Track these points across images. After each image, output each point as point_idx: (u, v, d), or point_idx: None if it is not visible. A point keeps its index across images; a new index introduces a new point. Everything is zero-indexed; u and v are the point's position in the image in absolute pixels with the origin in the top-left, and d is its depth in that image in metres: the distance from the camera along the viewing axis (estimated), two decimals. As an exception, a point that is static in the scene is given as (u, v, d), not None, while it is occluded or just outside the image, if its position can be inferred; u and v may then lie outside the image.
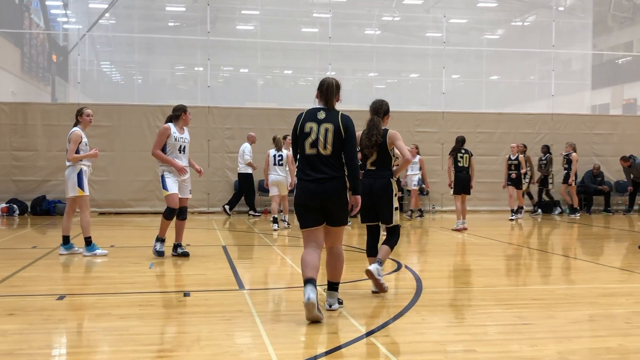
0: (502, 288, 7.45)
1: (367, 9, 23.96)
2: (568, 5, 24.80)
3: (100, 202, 16.69)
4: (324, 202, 5.59)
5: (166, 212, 8.96)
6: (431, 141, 18.08)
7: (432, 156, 18.01)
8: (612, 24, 29.08)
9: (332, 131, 5.61)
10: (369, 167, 6.63)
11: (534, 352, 4.69)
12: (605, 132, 19.19)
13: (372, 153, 6.59)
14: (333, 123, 5.64)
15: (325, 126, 5.63)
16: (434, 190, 17.84)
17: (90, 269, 8.30)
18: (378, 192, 6.53)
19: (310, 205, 5.62)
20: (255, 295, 6.71)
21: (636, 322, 5.66)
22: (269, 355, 4.52)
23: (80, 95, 17.72)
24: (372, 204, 6.56)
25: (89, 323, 5.51)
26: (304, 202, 5.65)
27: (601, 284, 7.85)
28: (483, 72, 23.22)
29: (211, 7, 18.61)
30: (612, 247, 11.96)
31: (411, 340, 5.09)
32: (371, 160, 6.62)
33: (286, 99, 23.44)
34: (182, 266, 8.54)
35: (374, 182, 6.56)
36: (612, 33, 30.01)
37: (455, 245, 11.18)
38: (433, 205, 18.27)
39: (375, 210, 6.61)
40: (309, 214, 5.65)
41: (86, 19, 21.98)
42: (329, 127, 5.62)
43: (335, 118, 5.67)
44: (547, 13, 21.53)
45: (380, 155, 6.61)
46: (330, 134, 5.61)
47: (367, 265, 6.63)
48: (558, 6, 22.55)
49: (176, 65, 25.57)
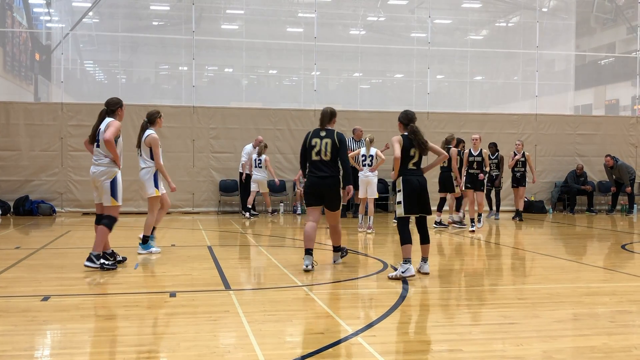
0: (488, 288, 7.49)
1: (352, 9, 23.97)
2: (551, 6, 24.96)
3: (84, 202, 16.55)
4: (324, 192, 8.07)
5: (111, 223, 8.29)
6: (416, 141, 18.12)
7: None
8: (594, 26, 29.32)
9: (330, 144, 8.05)
10: (411, 167, 7.76)
11: (519, 351, 4.72)
12: (588, 132, 19.35)
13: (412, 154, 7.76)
14: (331, 138, 8.08)
15: (325, 140, 8.09)
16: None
17: (75, 270, 8.23)
18: (425, 187, 7.79)
19: (315, 192, 8.13)
20: (242, 295, 6.70)
21: (620, 320, 5.72)
22: (256, 356, 4.51)
23: (63, 95, 17.57)
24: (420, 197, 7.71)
25: (74, 324, 5.47)
26: (311, 190, 8.15)
27: (585, 283, 7.91)
28: (467, 73, 23.33)
29: (196, 6, 18.54)
30: (596, 246, 12.07)
31: (397, 340, 5.11)
32: (414, 161, 7.77)
33: (271, 98, 23.40)
34: (167, 267, 8.50)
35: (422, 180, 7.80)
36: (595, 34, 30.27)
37: (441, 246, 11.23)
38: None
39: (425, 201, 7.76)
40: (314, 198, 8.15)
41: (69, 17, 21.79)
42: (328, 141, 8.08)
43: (332, 135, 8.09)
44: (531, 14, 21.66)
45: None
46: (329, 146, 8.03)
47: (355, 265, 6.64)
48: (541, 7, 22.68)
49: (160, 65, 25.43)
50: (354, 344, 4.85)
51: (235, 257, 9.79)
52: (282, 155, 17.57)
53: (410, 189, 7.60)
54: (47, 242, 10.98)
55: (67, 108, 16.77)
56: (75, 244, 11.17)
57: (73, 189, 16.60)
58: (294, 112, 18.06)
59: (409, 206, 7.63)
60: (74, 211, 16.50)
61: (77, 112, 16.81)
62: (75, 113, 16.76)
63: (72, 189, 16.58)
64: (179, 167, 16.87)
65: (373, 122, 17.68)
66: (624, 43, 29.40)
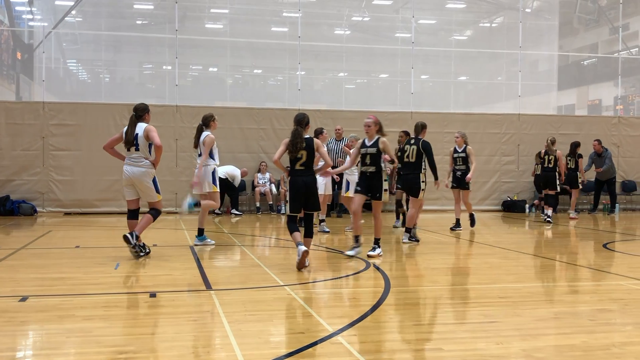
0: (469, 286, 7.50)
1: (337, 9, 24.00)
2: (535, 7, 25.13)
3: (66, 202, 16.44)
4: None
5: (157, 215, 9.23)
6: (400, 141, 18.14)
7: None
8: (577, 26, 29.54)
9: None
10: (298, 168, 8.29)
11: (500, 349, 4.72)
12: (571, 132, 19.46)
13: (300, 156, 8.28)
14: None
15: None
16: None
17: (55, 270, 8.16)
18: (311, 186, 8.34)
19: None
20: (223, 295, 6.66)
21: (600, 319, 5.74)
22: (236, 356, 4.48)
23: (45, 94, 17.41)
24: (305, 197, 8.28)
25: (52, 325, 5.41)
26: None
27: (566, 282, 7.95)
28: (451, 73, 23.44)
29: (179, 5, 18.43)
30: (577, 245, 12.13)
31: (378, 339, 5.10)
32: (301, 162, 8.27)
33: (256, 98, 23.38)
34: (148, 267, 8.44)
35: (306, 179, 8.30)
36: (578, 35, 30.50)
37: (422, 245, 11.23)
38: (402, 205, 18.34)
39: (305, 201, 8.32)
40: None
41: (52, 16, 21.63)
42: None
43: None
44: (515, 15, 21.77)
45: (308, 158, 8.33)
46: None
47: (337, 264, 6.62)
48: (525, 8, 22.82)
49: (144, 64, 25.32)
50: (335, 344, 4.83)
51: (217, 257, 9.74)
52: (267, 154, 17.51)
53: (295, 190, 8.21)
54: (28, 242, 10.87)
55: (49, 107, 16.62)
56: (56, 244, 11.07)
57: (55, 188, 16.45)
58: (279, 111, 18.01)
59: (293, 205, 8.28)
60: (55, 211, 16.35)
61: (59, 111, 16.67)
62: (57, 112, 16.61)
63: (54, 188, 16.44)
64: (162, 166, 16.51)
65: (358, 121, 17.56)
66: (606, 44, 29.66)
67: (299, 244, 8.05)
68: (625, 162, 19.80)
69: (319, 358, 4.55)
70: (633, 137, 19.85)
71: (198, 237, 10.53)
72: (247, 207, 17.65)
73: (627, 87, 28.76)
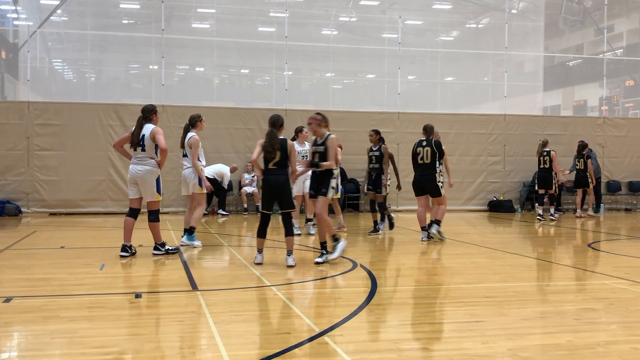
0: (455, 286, 7.52)
1: (324, 9, 23.99)
2: (521, 8, 25.26)
3: (51, 203, 16.32)
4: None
5: (157, 216, 9.33)
6: (387, 141, 17.97)
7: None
8: (563, 27, 29.71)
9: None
10: (271, 167, 8.42)
11: (485, 349, 4.74)
12: (556, 132, 19.58)
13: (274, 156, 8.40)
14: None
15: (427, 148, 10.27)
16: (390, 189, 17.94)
17: (40, 271, 8.09)
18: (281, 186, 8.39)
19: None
20: (209, 295, 6.63)
21: (585, 318, 5.78)
22: (222, 357, 4.47)
23: (30, 93, 17.28)
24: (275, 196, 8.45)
25: (37, 326, 5.36)
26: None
27: (552, 281, 8.00)
28: (438, 73, 23.49)
29: (166, 4, 18.36)
30: (562, 245, 12.21)
31: (365, 339, 5.10)
32: (275, 161, 8.40)
33: (243, 98, 23.32)
34: (134, 267, 8.40)
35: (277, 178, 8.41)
36: (563, 36, 30.69)
37: (409, 244, 11.26)
38: (389, 205, 18.37)
39: (275, 200, 8.50)
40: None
41: (37, 15, 21.45)
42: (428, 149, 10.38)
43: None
44: (501, 16, 21.85)
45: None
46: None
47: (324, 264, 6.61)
48: (511, 9, 22.93)
49: (130, 64, 25.17)
50: (321, 344, 4.83)
51: (203, 258, 9.70)
52: (253, 155, 17.49)
53: (267, 188, 8.43)
54: (12, 243, 10.78)
55: (34, 107, 16.50)
56: (41, 244, 10.99)
57: (40, 188, 16.33)
58: (266, 111, 17.92)
59: (264, 204, 8.52)
60: (40, 211, 16.23)
61: (44, 111, 16.55)
62: (42, 112, 16.49)
63: (39, 188, 16.32)
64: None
65: (345, 122, 17.68)
66: (591, 45, 29.86)
67: (259, 250, 8.53)
68: (610, 163, 19.95)
69: (305, 358, 4.54)
70: (618, 137, 20.01)
71: (188, 235, 10.38)
72: (234, 208, 17.61)
73: (612, 88, 29.01)
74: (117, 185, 16.48)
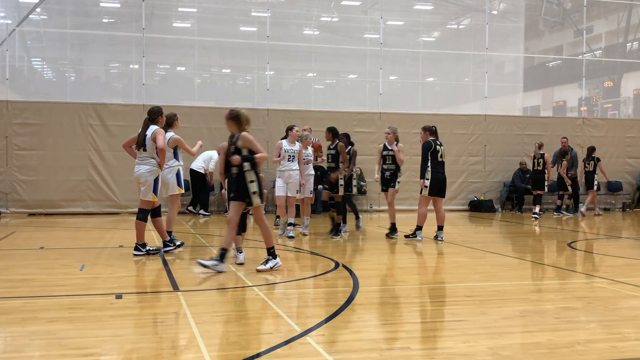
0: (436, 285, 7.56)
1: (306, 9, 23.93)
2: (501, 9, 25.39)
3: (30, 203, 16.16)
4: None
5: (145, 216, 9.49)
6: (368, 141, 18.18)
7: (369, 156, 18.09)
8: (543, 28, 29.90)
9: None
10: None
11: (466, 348, 4.76)
12: (536, 132, 19.73)
13: None
14: None
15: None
16: (371, 189, 18.00)
17: (18, 272, 8.01)
18: None
19: (442, 186, 10.95)
20: (190, 296, 6.60)
21: (565, 317, 5.83)
22: (203, 357, 4.45)
23: (9, 92, 17.08)
24: None
25: (15, 327, 5.30)
26: (438, 184, 10.73)
27: (532, 280, 8.06)
28: (419, 74, 23.52)
29: (147, 3, 18.26)
30: (542, 245, 12.31)
31: (347, 338, 5.11)
32: None
33: (224, 97, 23.18)
34: (114, 268, 8.33)
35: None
36: (543, 37, 30.89)
37: (391, 244, 11.29)
38: (371, 205, 18.42)
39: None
40: (438, 190, 10.97)
41: (16, 13, 21.21)
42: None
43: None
44: (481, 17, 21.98)
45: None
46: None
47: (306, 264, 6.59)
48: (491, 10, 23.05)
49: (110, 63, 24.93)
50: (303, 344, 4.82)
51: (185, 258, 9.65)
52: (235, 155, 17.42)
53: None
54: (-10, 244, 10.66)
55: (13, 106, 16.33)
56: (20, 245, 10.88)
57: (19, 189, 16.16)
58: (248, 111, 17.90)
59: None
60: (19, 212, 16.06)
61: (23, 110, 16.39)
62: (21, 111, 16.33)
63: (18, 189, 16.15)
64: (128, 166, 16.40)
65: (327, 121, 17.55)
66: (571, 46, 30.09)
67: (238, 249, 8.69)
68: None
69: (287, 358, 4.53)
70: (597, 137, 20.20)
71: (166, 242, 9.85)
72: (216, 208, 17.55)
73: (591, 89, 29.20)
74: (97, 186, 16.36)
